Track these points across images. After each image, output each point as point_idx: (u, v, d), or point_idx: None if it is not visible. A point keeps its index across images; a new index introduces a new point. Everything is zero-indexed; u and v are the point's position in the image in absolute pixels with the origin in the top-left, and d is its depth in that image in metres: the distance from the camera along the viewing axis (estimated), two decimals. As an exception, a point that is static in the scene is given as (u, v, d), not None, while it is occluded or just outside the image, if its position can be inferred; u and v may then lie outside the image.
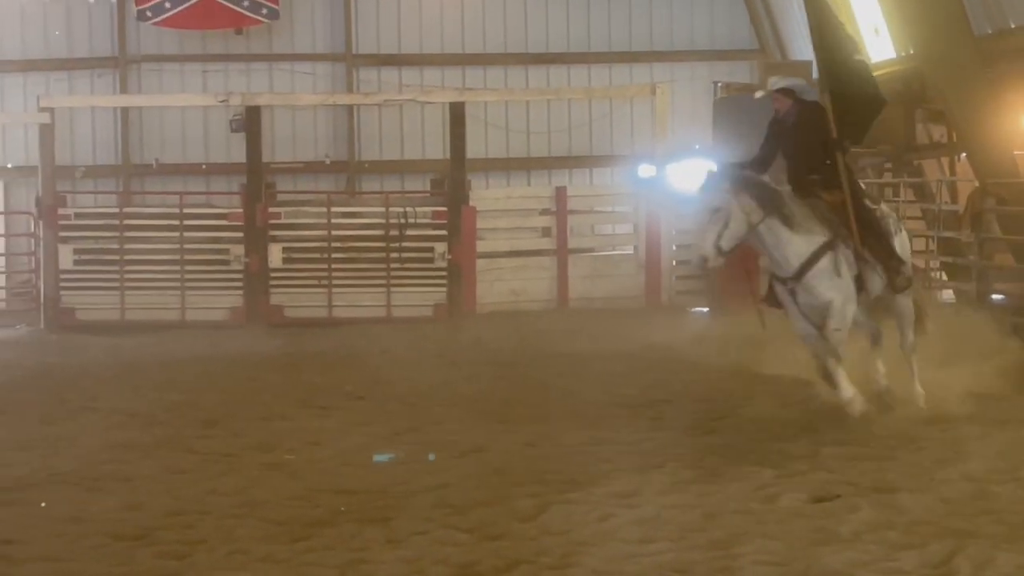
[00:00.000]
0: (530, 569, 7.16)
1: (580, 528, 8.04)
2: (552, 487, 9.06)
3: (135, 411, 13.28)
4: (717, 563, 7.23)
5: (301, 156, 26.26)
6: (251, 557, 7.57)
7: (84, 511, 8.76)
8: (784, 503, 8.57)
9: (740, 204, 10.74)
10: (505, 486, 8.98)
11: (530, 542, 7.75)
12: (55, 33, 25.73)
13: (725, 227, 10.69)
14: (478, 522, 8.23)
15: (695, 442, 10.70)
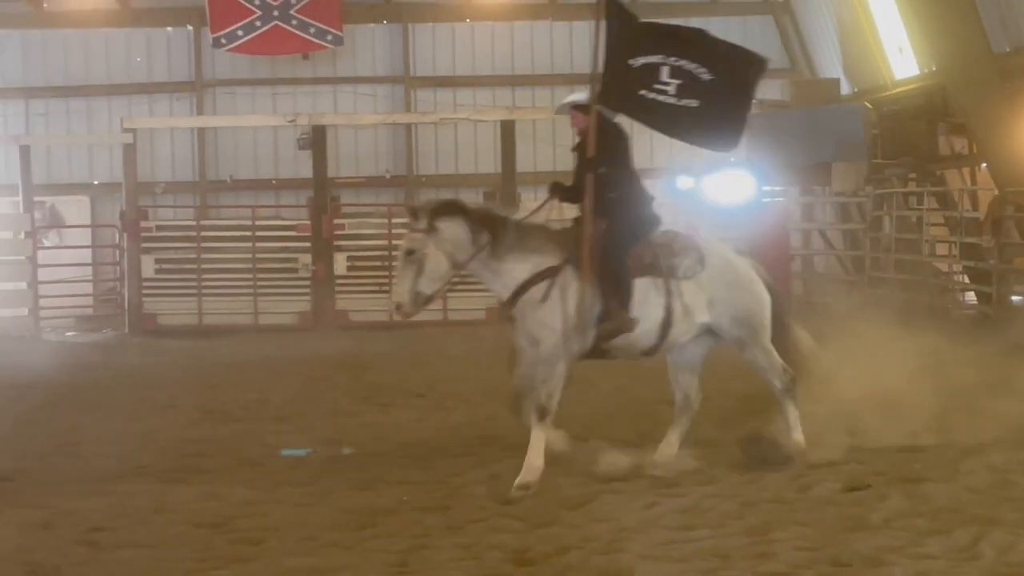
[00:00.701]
0: (579, 554, 7.13)
1: (626, 516, 7.99)
2: (597, 478, 9.01)
3: (212, 408, 13.36)
4: (755, 548, 7.17)
5: (363, 171, 26.39)
6: (320, 543, 7.57)
7: (166, 501, 8.80)
8: (817, 492, 8.50)
9: (438, 244, 8.91)
10: (555, 476, 8.94)
11: (578, 529, 7.71)
12: (137, 60, 26.04)
13: (420, 271, 8.89)
14: (530, 511, 8.21)
15: (731, 436, 10.60)
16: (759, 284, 9.41)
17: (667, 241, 9.22)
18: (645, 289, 9.03)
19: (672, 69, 9.27)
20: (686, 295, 9.09)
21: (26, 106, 26.09)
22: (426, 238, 8.94)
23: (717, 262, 9.24)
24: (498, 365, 15.85)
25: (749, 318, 9.26)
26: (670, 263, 9.09)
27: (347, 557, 7.27)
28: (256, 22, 25.01)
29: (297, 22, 25.09)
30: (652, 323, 9.05)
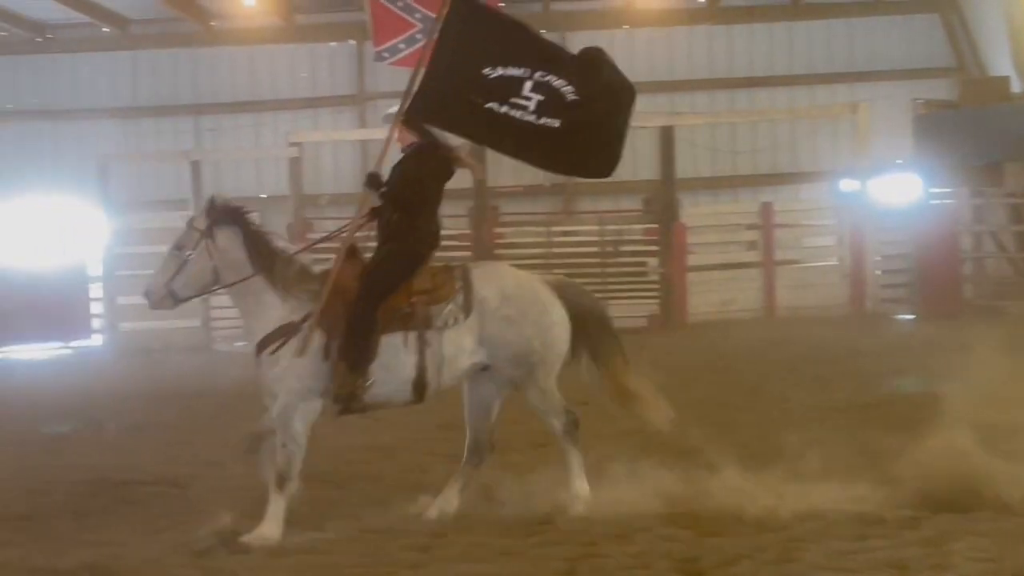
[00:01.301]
0: (751, 565, 7.04)
1: (797, 525, 7.87)
2: (769, 485, 8.85)
3: (378, 415, 13.48)
4: (931, 559, 7.00)
5: (523, 180, 26.46)
6: (489, 550, 7.62)
7: (334, 507, 8.93)
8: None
9: (209, 251, 8.38)
10: (722, 483, 8.82)
11: (749, 538, 7.62)
12: (302, 75, 26.58)
13: (180, 271, 8.41)
14: (699, 519, 8.13)
15: (903, 443, 10.35)
16: (552, 317, 8.54)
17: (429, 286, 8.37)
18: (393, 347, 8.26)
19: (536, 84, 8.40)
20: (446, 345, 8.33)
21: (196, 122, 26.88)
22: (200, 240, 8.42)
23: (491, 299, 8.41)
24: (659, 373, 15.93)
25: (527, 356, 8.46)
26: (427, 313, 8.31)
27: (517, 564, 7.30)
28: (417, 35, 25.28)
29: (457, 34, 25.30)
30: (400, 383, 8.36)
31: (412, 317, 8.26)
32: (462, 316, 8.33)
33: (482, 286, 8.42)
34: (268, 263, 8.37)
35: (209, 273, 8.43)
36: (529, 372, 8.48)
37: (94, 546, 8.06)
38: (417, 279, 8.33)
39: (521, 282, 8.64)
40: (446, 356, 8.32)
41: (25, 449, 12.10)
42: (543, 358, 8.49)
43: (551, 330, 8.52)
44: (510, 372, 8.49)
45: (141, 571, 7.51)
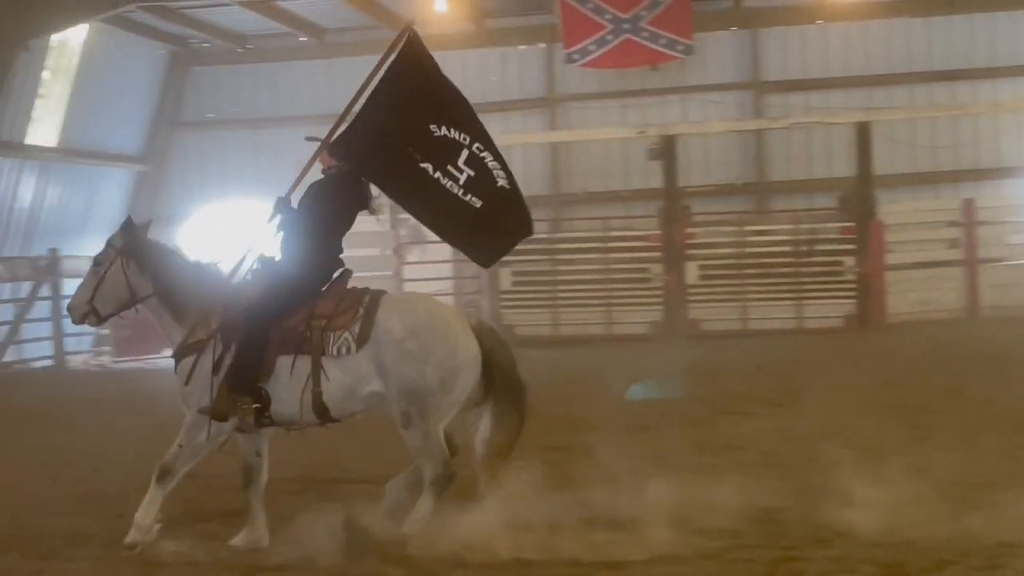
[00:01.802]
0: (957, 571, 6.85)
1: (1005, 530, 7.61)
2: (973, 490, 8.62)
3: (571, 416, 13.56)
4: None
5: (713, 179, 26.28)
6: (684, 551, 7.57)
7: (529, 507, 8.95)
8: None
9: (124, 268, 8.53)
10: (924, 488, 8.60)
11: (955, 543, 7.41)
12: (492, 79, 26.83)
13: (98, 287, 8.53)
14: (899, 523, 7.93)
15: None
16: (457, 361, 8.15)
17: (331, 311, 8.17)
18: (288, 369, 8.15)
19: (471, 156, 8.18)
20: (341, 371, 8.12)
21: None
22: (115, 258, 8.57)
23: (395, 331, 8.10)
24: (858, 374, 15.62)
25: (422, 394, 8.08)
26: (322, 338, 8.13)
27: (714, 567, 7.25)
28: (607, 36, 25.34)
29: (648, 34, 25.26)
30: (300, 404, 8.17)
31: (308, 341, 8.13)
32: (354, 346, 8.10)
33: (388, 316, 8.15)
34: (165, 286, 8.45)
35: (125, 290, 8.55)
36: (420, 411, 8.09)
37: (294, 543, 8.25)
38: (321, 303, 8.22)
39: (434, 319, 8.28)
40: (342, 382, 8.14)
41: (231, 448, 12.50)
42: (439, 400, 8.12)
43: (455, 373, 8.15)
44: (400, 406, 8.11)
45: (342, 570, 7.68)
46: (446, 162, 8.13)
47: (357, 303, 8.20)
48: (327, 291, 8.29)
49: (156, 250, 8.64)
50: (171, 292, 8.45)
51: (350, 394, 8.16)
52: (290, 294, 8.23)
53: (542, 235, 23.80)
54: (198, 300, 8.40)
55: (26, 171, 23.54)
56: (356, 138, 8.29)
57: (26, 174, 23.56)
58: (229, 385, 8.10)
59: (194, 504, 9.46)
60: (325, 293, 8.27)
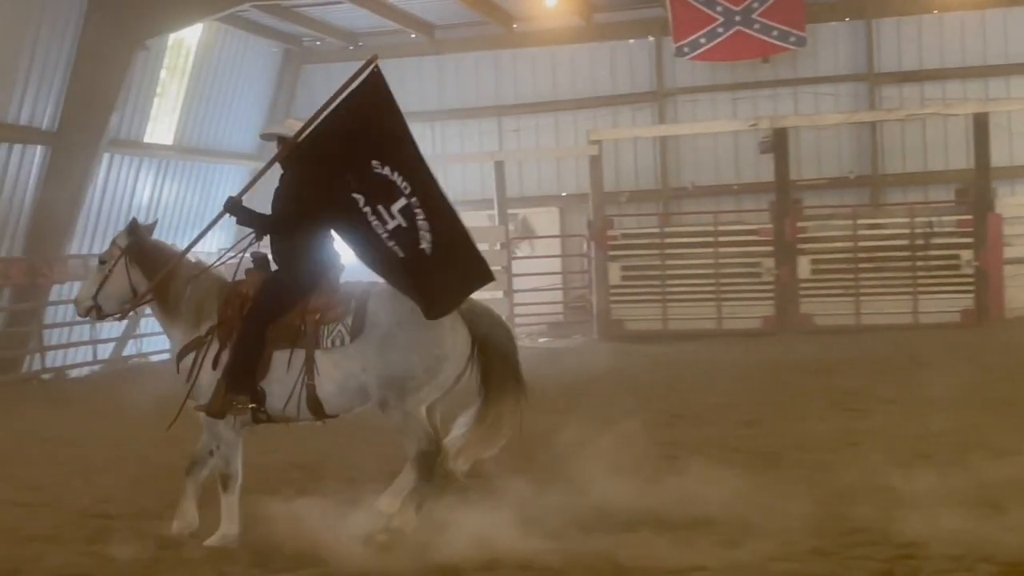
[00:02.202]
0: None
1: None
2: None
3: (682, 412, 13.55)
4: None
5: (826, 172, 25.96)
6: (801, 548, 7.51)
7: (644, 501, 8.96)
8: None
9: (129, 267, 8.71)
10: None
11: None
12: (601, 73, 26.80)
13: (103, 285, 8.71)
14: (1018, 521, 7.78)
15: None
16: (443, 349, 8.12)
17: (323, 306, 8.25)
18: (283, 363, 8.22)
19: (405, 208, 7.91)
20: (334, 365, 8.17)
21: (499, 123, 27.53)
22: (119, 257, 8.72)
23: (383, 323, 8.13)
24: (974, 370, 15.32)
25: (404, 380, 8.09)
26: (316, 332, 8.20)
27: (829, 565, 7.18)
28: (718, 29, 25.16)
29: (760, 26, 25.02)
30: (295, 399, 8.22)
31: (303, 335, 8.20)
32: (347, 338, 8.16)
33: (377, 308, 8.19)
34: (162, 290, 8.57)
35: (126, 289, 8.71)
36: (399, 395, 8.10)
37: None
38: (314, 298, 8.27)
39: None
40: (334, 376, 8.18)
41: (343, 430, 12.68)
42: (420, 385, 8.13)
43: (441, 362, 8.16)
44: (380, 393, 8.14)
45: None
46: (378, 202, 7.97)
47: (347, 296, 8.27)
48: (320, 286, 8.33)
49: (157, 251, 8.79)
50: (168, 293, 8.57)
51: (344, 388, 8.21)
52: (285, 295, 8.30)
53: (652, 229, 23.72)
54: (195, 300, 8.50)
55: (144, 168, 24.06)
56: (311, 150, 8.21)
57: (144, 171, 24.08)
58: (226, 383, 8.20)
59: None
60: (319, 288, 8.31)
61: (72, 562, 8.04)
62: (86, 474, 11.37)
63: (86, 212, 21.93)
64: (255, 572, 7.70)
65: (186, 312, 8.52)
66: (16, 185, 20.22)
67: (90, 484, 10.85)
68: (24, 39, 19.44)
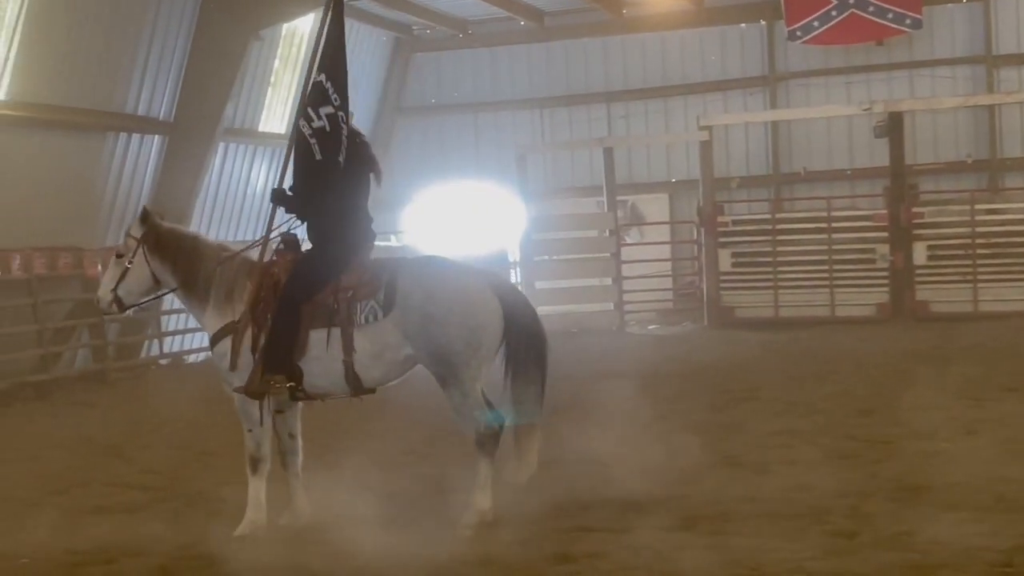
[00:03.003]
0: None
1: None
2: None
3: (795, 400, 13.38)
4: None
5: (942, 157, 25.44)
6: (917, 538, 7.37)
7: (756, 491, 8.90)
8: None
9: (150, 259, 8.70)
10: None
11: None
12: (711, 58, 26.54)
13: (123, 278, 8.72)
14: None
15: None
16: (478, 320, 8.17)
17: (355, 282, 8.28)
18: (321, 342, 8.26)
19: (333, 115, 8.28)
20: (369, 340, 8.22)
21: (608, 109, 27.42)
22: (136, 248, 8.71)
23: (415, 296, 8.17)
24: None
25: (448, 355, 8.15)
26: (349, 310, 8.24)
27: (947, 554, 7.02)
28: (832, 11, 24.77)
29: (874, 8, 24.57)
30: (333, 376, 8.30)
31: (337, 313, 8.24)
32: (381, 313, 8.21)
33: (407, 282, 8.24)
34: (190, 276, 8.62)
35: (148, 279, 8.76)
36: (452, 371, 8.17)
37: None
38: (346, 275, 8.31)
39: (450, 280, 8.34)
40: (371, 351, 8.23)
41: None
42: (466, 360, 8.16)
43: (477, 332, 8.18)
44: (433, 368, 8.25)
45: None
46: (310, 104, 8.37)
47: (378, 271, 8.33)
48: (352, 263, 8.37)
49: (174, 237, 8.83)
50: (196, 279, 8.62)
51: (380, 361, 8.28)
52: (318, 274, 8.34)
53: (763, 215, 23.45)
54: (225, 284, 8.52)
55: (258, 157, 24.40)
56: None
57: (258, 160, 24.42)
58: (263, 364, 8.25)
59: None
60: (350, 265, 8.36)
61: (188, 543, 8.18)
62: (203, 457, 11.57)
63: (202, 200, 22.29)
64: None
65: (216, 297, 8.55)
66: (135, 174, 20.63)
67: (207, 467, 11.04)
68: (141, 31, 19.82)
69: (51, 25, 17.74)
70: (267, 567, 7.55)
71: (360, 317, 8.24)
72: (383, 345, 8.24)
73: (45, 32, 17.66)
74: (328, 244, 8.42)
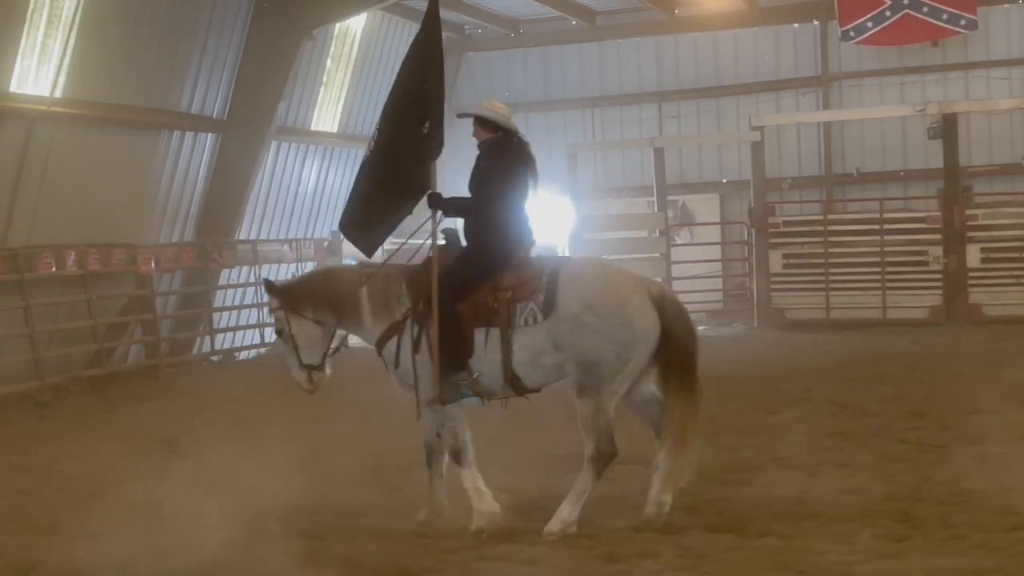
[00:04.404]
0: None
1: None
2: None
3: (847, 402, 13.32)
4: None
5: (997, 159, 25.19)
6: (968, 543, 7.35)
7: (806, 493, 8.88)
8: None
9: (297, 315, 8.79)
10: None
11: None
12: (764, 58, 26.44)
13: (297, 346, 8.79)
14: None
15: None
16: (634, 333, 8.02)
17: (515, 283, 8.23)
18: (480, 341, 8.25)
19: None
20: (528, 342, 8.17)
21: (659, 109, 27.35)
22: (285, 315, 8.80)
23: (571, 303, 8.07)
24: None
25: (597, 366, 8.02)
26: (509, 310, 8.19)
27: (996, 559, 7.00)
28: (886, 12, 24.60)
29: (928, 9, 24.38)
30: (493, 376, 8.29)
31: (496, 313, 8.20)
32: (540, 316, 8.16)
33: (566, 287, 8.14)
34: (337, 306, 8.74)
35: (314, 329, 8.81)
36: (595, 382, 8.04)
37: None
38: (507, 276, 8.25)
39: (609, 288, 8.21)
40: (529, 353, 8.18)
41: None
42: (614, 372, 8.04)
43: (631, 346, 8.05)
44: (579, 377, 8.10)
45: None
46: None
47: (538, 273, 8.24)
48: (511, 263, 8.32)
49: (306, 284, 9.07)
50: (343, 306, 8.72)
51: (536, 365, 8.21)
52: (475, 271, 8.31)
53: (815, 216, 23.33)
54: (378, 296, 8.57)
55: (310, 156, 24.55)
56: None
57: (310, 159, 24.57)
58: (442, 368, 8.26)
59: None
60: (509, 265, 8.30)
61: (240, 537, 8.26)
62: (255, 453, 11.67)
63: (254, 198, 22.46)
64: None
65: (373, 311, 8.60)
66: (188, 172, 20.82)
67: (259, 464, 11.13)
68: (196, 30, 20.00)
69: (107, 24, 17.94)
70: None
71: (519, 319, 8.23)
72: (540, 349, 8.20)
73: (101, 30, 17.86)
74: (487, 243, 8.38)
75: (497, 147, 8.66)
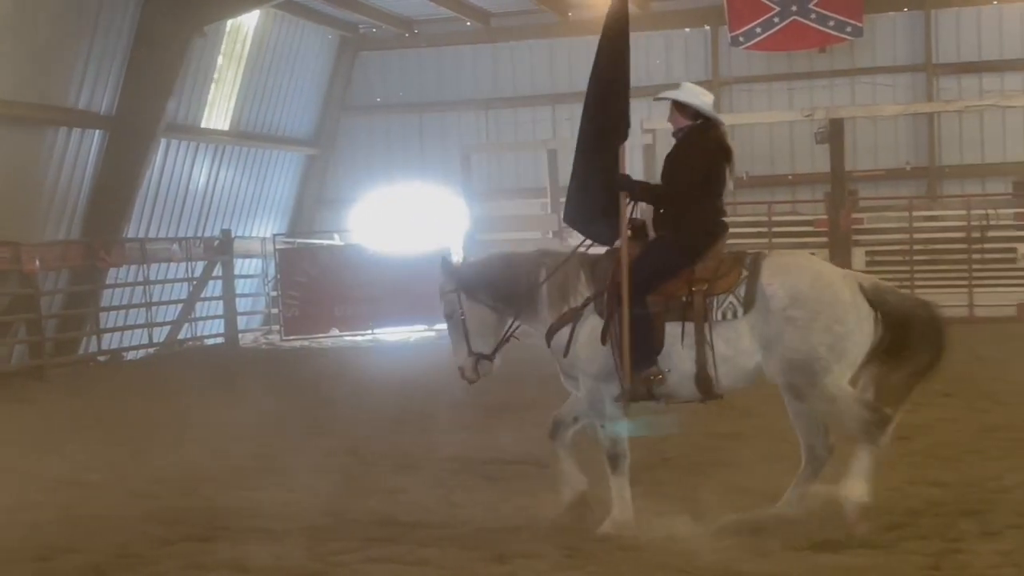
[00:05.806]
0: None
1: None
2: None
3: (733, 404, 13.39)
4: None
5: (882, 164, 25.74)
6: (850, 543, 7.45)
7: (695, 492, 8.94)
8: None
9: (472, 300, 8.35)
10: None
11: None
12: (656, 62, 26.66)
13: (468, 332, 8.32)
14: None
15: None
16: (848, 326, 7.58)
17: (711, 275, 7.77)
18: (672, 338, 7.78)
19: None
20: (723, 340, 7.69)
21: (553, 111, 27.47)
22: (459, 298, 8.37)
23: (778, 296, 7.62)
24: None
25: (809, 364, 7.56)
26: (704, 304, 7.70)
27: (878, 557, 7.13)
28: (774, 18, 25.00)
29: (816, 16, 24.82)
30: (681, 376, 7.82)
31: (690, 307, 7.72)
32: (740, 310, 7.65)
33: (771, 280, 7.66)
34: (515, 293, 8.26)
35: (490, 316, 8.36)
36: (811, 381, 7.57)
37: (462, 524, 8.38)
38: (700, 267, 7.80)
39: (820, 280, 7.74)
40: (727, 353, 7.69)
41: (397, 427, 12.76)
42: (828, 367, 7.55)
43: (845, 339, 7.58)
44: (787, 378, 7.63)
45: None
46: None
47: (738, 265, 7.79)
48: (706, 253, 7.87)
49: (485, 267, 8.57)
50: (518, 293, 8.22)
51: (733, 365, 7.72)
52: (666, 261, 7.87)
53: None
54: (555, 285, 8.11)
55: (200, 154, 24.24)
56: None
57: (200, 157, 24.26)
58: (634, 364, 7.79)
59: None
60: (704, 255, 7.85)
61: (124, 541, 8.13)
62: (139, 455, 11.51)
63: (143, 196, 22.11)
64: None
65: (550, 300, 8.13)
66: (74, 169, 20.42)
67: (144, 466, 10.98)
68: (84, 24, 19.63)
69: (-9, 17, 17.56)
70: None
71: (716, 313, 7.71)
72: (739, 348, 7.70)
73: (-15, 24, 17.48)
74: (683, 232, 7.92)
75: (699, 134, 8.18)
